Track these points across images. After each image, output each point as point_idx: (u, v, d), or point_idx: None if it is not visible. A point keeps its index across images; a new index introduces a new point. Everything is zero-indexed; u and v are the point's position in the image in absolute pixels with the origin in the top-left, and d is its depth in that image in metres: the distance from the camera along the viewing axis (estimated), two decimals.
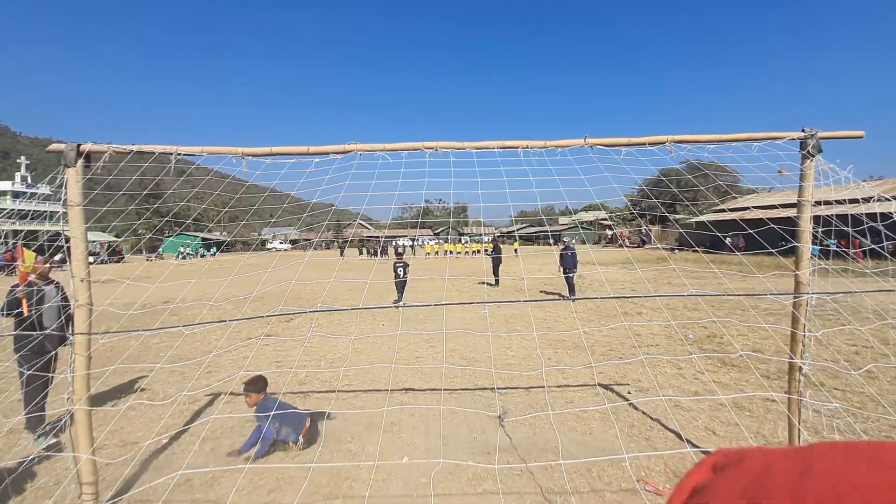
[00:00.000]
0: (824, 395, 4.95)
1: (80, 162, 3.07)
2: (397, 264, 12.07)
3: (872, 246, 3.16)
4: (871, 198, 3.46)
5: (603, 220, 57.67)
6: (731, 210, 27.82)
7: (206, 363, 6.63)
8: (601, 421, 4.58)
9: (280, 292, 13.42)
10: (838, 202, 3.26)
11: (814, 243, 3.29)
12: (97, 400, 5.06)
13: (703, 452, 3.92)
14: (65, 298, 4.60)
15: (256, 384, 4.13)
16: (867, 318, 7.22)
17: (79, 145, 3.08)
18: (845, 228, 3.58)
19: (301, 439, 4.11)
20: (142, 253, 41.92)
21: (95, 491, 2.96)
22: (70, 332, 3.14)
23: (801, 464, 0.27)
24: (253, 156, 3.05)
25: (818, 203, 3.30)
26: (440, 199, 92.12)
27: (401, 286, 12.03)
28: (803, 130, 3.23)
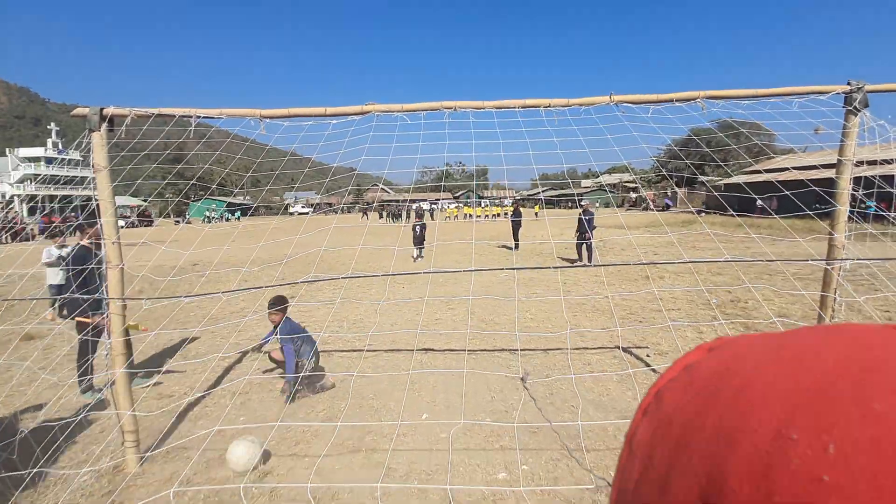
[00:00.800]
0: None
1: (104, 126, 3.11)
2: (416, 224, 14.11)
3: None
4: None
5: (627, 182, 56.03)
6: (766, 171, 26.59)
7: (236, 324, 6.90)
8: (619, 383, 4.62)
9: (306, 258, 13.68)
10: (885, 162, 3.07)
11: (851, 205, 3.13)
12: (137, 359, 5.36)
13: None
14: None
15: (280, 303, 4.46)
16: None
17: (102, 109, 3.11)
18: (890, 190, 3.38)
19: (313, 356, 4.49)
20: (170, 217, 43.09)
21: (136, 439, 3.18)
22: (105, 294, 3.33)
23: (778, 339, 0.27)
24: (271, 118, 3.03)
25: (859, 163, 3.11)
26: (459, 162, 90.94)
27: (418, 241, 13.95)
28: (849, 83, 3.01)
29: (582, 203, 13.19)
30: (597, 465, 3.26)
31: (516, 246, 15.63)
